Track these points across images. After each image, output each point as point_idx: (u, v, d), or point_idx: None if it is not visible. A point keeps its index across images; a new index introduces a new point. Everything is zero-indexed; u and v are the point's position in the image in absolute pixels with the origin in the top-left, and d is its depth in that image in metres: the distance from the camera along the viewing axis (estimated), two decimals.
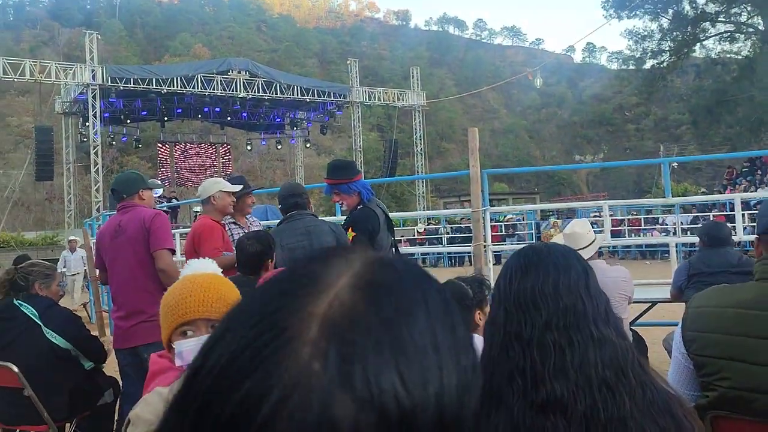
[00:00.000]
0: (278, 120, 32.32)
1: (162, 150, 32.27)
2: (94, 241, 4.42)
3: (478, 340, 2.22)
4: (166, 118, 29.07)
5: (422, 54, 75.26)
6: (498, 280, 1.26)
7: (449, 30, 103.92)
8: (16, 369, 3.20)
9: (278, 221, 4.38)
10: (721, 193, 23.18)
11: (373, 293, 0.44)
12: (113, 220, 3.88)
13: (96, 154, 24.48)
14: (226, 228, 4.36)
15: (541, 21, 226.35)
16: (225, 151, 33.55)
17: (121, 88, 24.47)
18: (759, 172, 23.37)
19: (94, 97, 23.89)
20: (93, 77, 23.73)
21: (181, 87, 25.43)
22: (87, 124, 24.96)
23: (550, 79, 70.69)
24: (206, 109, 28.69)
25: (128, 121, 28.93)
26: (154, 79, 24.93)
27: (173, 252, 3.91)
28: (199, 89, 25.85)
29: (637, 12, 31.44)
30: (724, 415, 1.55)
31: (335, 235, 3.84)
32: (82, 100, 25.17)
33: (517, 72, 54.50)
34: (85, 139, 26.47)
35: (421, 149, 31.65)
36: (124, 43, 65.37)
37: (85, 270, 16.00)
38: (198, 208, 19.63)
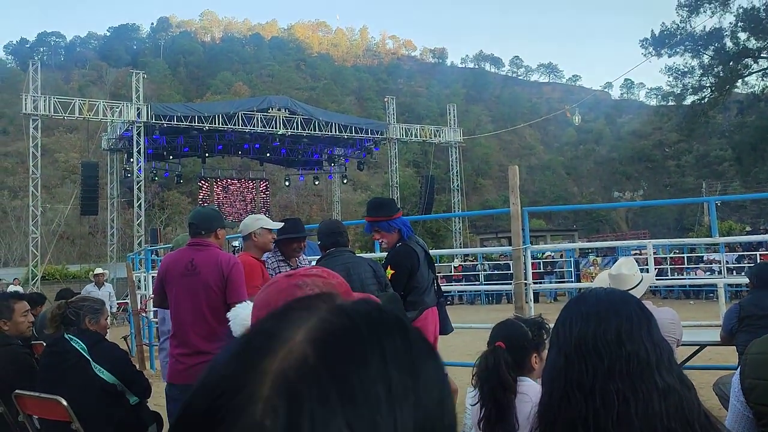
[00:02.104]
0: (316, 156, 32.79)
1: (203, 185, 32.95)
2: (152, 274, 4.48)
3: (532, 385, 2.19)
4: (207, 155, 29.77)
5: (458, 91, 75.89)
6: (557, 326, 1.24)
7: (485, 67, 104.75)
8: (65, 403, 3.25)
9: (318, 258, 4.41)
10: (766, 231, 22.54)
11: (324, 344, 0.44)
12: (185, 255, 3.80)
13: (139, 189, 25.12)
14: (276, 266, 4.38)
15: (578, 58, 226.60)
16: (264, 186, 34.08)
17: (165, 125, 25.19)
18: None
19: (138, 134, 24.62)
20: (138, 115, 24.49)
21: (222, 124, 26.05)
22: (131, 160, 25.70)
23: (588, 115, 70.31)
24: (246, 146, 29.30)
25: (170, 157, 29.72)
26: (196, 117, 25.60)
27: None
28: (240, 126, 26.44)
29: (677, 49, 31.23)
30: None
31: (374, 272, 3.83)
32: (127, 137, 25.97)
33: (554, 108, 54.45)
34: (128, 175, 27.23)
35: (457, 185, 31.65)
36: (168, 81, 67.57)
37: (124, 303, 16.30)
38: (237, 243, 19.90)
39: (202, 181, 33.09)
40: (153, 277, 4.95)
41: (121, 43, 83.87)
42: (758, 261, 14.39)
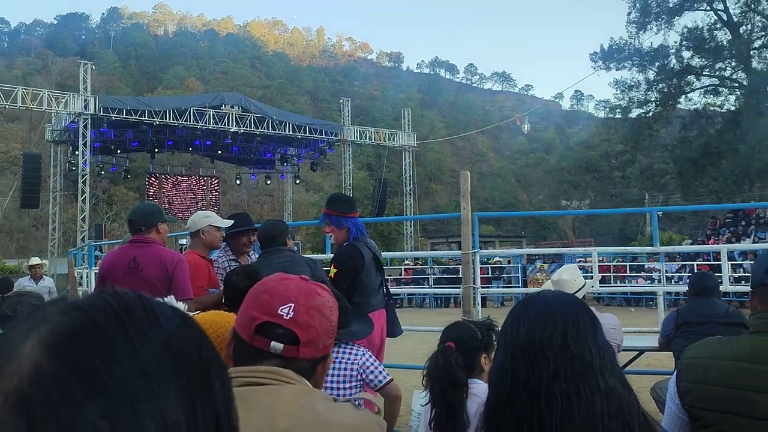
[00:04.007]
0: (269, 155, 32.48)
1: (152, 181, 32.21)
2: (95, 270, 4.33)
3: (484, 387, 2.22)
4: (156, 150, 29.13)
5: (413, 96, 76.42)
6: (505, 327, 1.25)
7: (441, 73, 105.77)
8: None
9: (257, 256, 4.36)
10: (704, 242, 23.44)
11: (59, 345, 0.43)
12: (127, 252, 3.70)
13: (84, 183, 24.37)
14: (226, 265, 4.31)
15: (530, 68, 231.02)
16: (215, 184, 33.54)
17: (113, 118, 24.53)
18: (742, 223, 23.69)
19: (85, 126, 23.91)
20: (85, 107, 23.79)
21: (173, 119, 25.53)
22: (76, 153, 24.92)
23: (539, 124, 71.82)
24: (197, 143, 28.80)
25: (118, 151, 28.96)
26: (146, 111, 25.02)
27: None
28: (191, 122, 25.97)
29: (625, 64, 32.16)
30: None
31: (311, 271, 3.80)
32: (72, 129, 25.18)
33: (506, 117, 55.36)
34: (73, 168, 26.39)
35: (410, 189, 31.83)
36: (118, 74, 65.85)
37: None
38: (184, 241, 19.50)
39: (151, 177, 32.36)
40: (96, 273, 4.79)
41: (69, 32, 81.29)
42: (695, 270, 14.93)
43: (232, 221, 4.34)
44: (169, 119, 25.47)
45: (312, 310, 1.23)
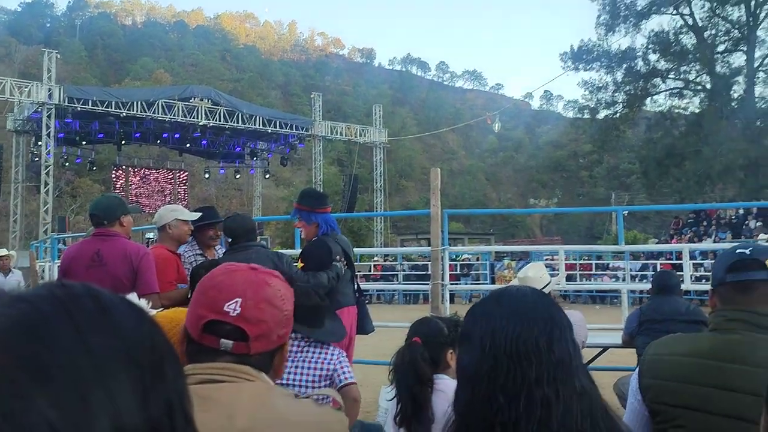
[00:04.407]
0: (238, 149, 32.17)
1: (118, 174, 31.65)
2: (57, 263, 4.23)
3: (450, 384, 2.23)
4: (123, 142, 28.59)
5: (385, 92, 76.41)
6: (479, 324, 1.20)
7: (412, 70, 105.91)
8: None
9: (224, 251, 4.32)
10: (667, 242, 23.94)
11: (4, 338, 0.43)
12: (89, 246, 3.61)
13: (47, 174, 23.84)
14: (193, 259, 4.26)
15: (501, 67, 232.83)
16: (183, 178, 33.10)
17: (78, 109, 24.03)
18: (704, 223, 24.25)
19: (49, 116, 23.38)
20: (50, 96, 23.26)
21: (140, 111, 25.13)
22: (39, 143, 24.37)
23: (509, 123, 72.47)
24: (165, 135, 28.38)
25: (83, 142, 28.35)
26: (113, 102, 24.57)
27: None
28: (160, 115, 25.59)
29: (594, 65, 32.65)
30: None
31: (275, 267, 3.75)
32: (36, 118, 24.61)
33: (477, 115, 55.80)
34: (36, 159, 25.79)
35: (380, 186, 31.85)
36: (84, 64, 64.51)
37: None
38: (151, 235, 19.22)
39: (118, 170, 31.78)
40: (59, 266, 4.70)
41: (33, 20, 79.22)
42: (658, 269, 15.25)
43: (200, 214, 4.28)
44: (137, 111, 25.06)
45: (261, 303, 1.20)
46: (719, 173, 28.45)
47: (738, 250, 1.71)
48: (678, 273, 5.52)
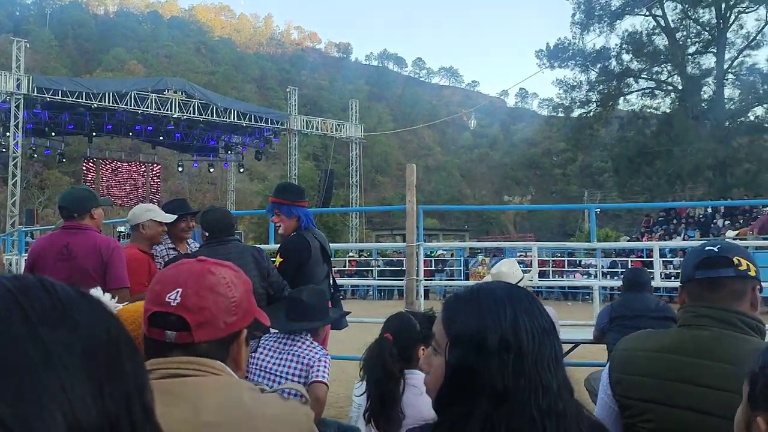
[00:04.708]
0: (212, 143, 31.85)
1: (88, 166, 31.10)
2: (25, 257, 4.12)
3: (422, 378, 2.24)
4: (94, 134, 28.12)
5: (362, 87, 76.30)
6: (461, 317, 1.16)
7: (389, 66, 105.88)
8: None
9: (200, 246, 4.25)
10: (638, 239, 24.31)
11: None
12: (58, 239, 3.52)
13: (15, 166, 23.36)
14: (165, 254, 4.19)
15: (477, 64, 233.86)
16: (156, 171, 32.67)
17: (48, 99, 23.57)
18: (674, 221, 24.69)
19: (17, 106, 22.90)
20: (18, 86, 22.77)
21: (112, 103, 24.72)
22: (7, 134, 23.86)
23: (484, 120, 72.92)
24: (138, 127, 27.99)
25: (53, 133, 27.81)
26: (84, 93, 24.13)
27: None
28: (132, 106, 25.21)
29: (568, 63, 32.99)
30: None
31: (256, 263, 3.67)
32: (3, 109, 24.06)
33: (453, 112, 56.02)
34: (3, 150, 25.25)
35: (356, 181, 31.80)
36: (54, 53, 63.27)
37: None
38: (122, 228, 18.95)
39: (89, 162, 31.24)
40: (26, 259, 4.60)
41: (2, 8, 77.40)
42: (629, 266, 15.49)
43: (175, 216, 4.20)
44: (109, 102, 24.65)
45: (202, 291, 1.19)
46: (689, 172, 28.98)
47: (706, 248, 1.74)
48: (648, 270, 5.61)
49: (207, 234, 3.89)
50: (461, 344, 1.13)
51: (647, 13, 31.31)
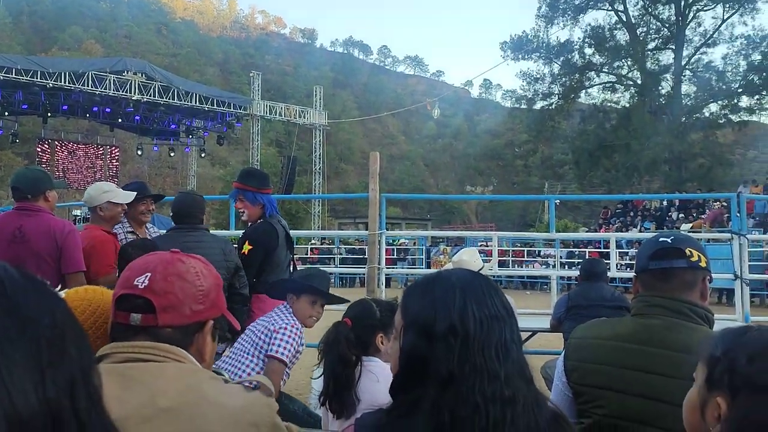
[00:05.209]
0: (173, 126, 31.26)
1: (43, 147, 30.22)
2: None
3: (381, 366, 2.25)
4: (49, 114, 27.32)
5: (326, 74, 75.66)
6: (421, 308, 1.17)
7: (354, 53, 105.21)
8: None
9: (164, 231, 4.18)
10: (596, 230, 24.81)
11: None
12: (11, 221, 3.39)
13: None
14: (124, 237, 4.09)
15: (442, 54, 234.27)
16: (114, 154, 31.92)
17: (1, 77, 22.82)
18: (631, 214, 25.24)
19: None
20: None
21: (68, 83, 24.05)
22: None
23: (448, 111, 73.16)
24: (95, 109, 27.29)
25: (6, 113, 26.91)
26: (39, 72, 23.42)
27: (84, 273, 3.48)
28: (89, 87, 24.57)
29: (532, 56, 33.33)
30: None
31: (223, 253, 3.61)
32: None
33: (418, 101, 56.05)
34: None
35: (319, 168, 31.64)
36: (8, 31, 61.04)
37: None
38: (78, 212, 18.50)
39: (44, 143, 30.35)
40: None
41: None
42: (587, 257, 15.80)
43: (134, 194, 4.10)
44: (65, 82, 23.97)
45: (170, 277, 1.21)
46: (646, 166, 29.67)
47: (660, 239, 1.79)
48: (605, 261, 5.73)
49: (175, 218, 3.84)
50: (413, 329, 1.15)
51: (609, 8, 31.81)
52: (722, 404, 1.01)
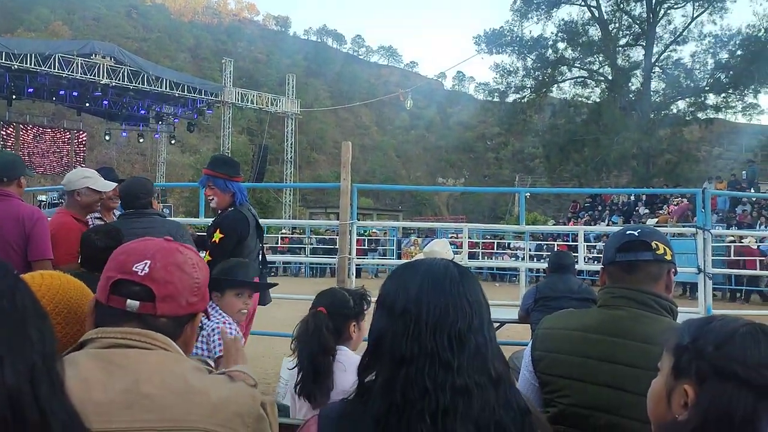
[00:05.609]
0: (143, 112, 30.73)
1: (8, 131, 29.46)
2: None
3: (350, 356, 2.25)
4: (14, 97, 26.64)
5: (299, 62, 75.02)
6: (387, 289, 1.20)
7: (328, 42, 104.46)
8: None
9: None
10: (564, 224, 25.14)
11: None
12: None
13: None
14: (91, 223, 4.01)
15: (416, 45, 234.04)
16: (82, 138, 31.27)
17: None
18: (599, 207, 25.64)
19: None
20: None
21: (34, 65, 23.46)
22: None
23: (421, 102, 73.16)
24: (62, 92, 26.68)
25: None
26: (3, 53, 22.83)
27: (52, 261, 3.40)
28: (56, 70, 23.99)
29: (506, 50, 33.50)
30: (564, 430, 1.68)
31: (175, 239, 3.57)
32: None
33: (391, 92, 55.97)
34: None
35: (291, 157, 31.43)
36: None
37: None
38: (43, 197, 18.12)
39: (8, 127, 29.59)
40: None
41: None
42: (555, 249, 16.01)
43: (115, 184, 4.02)
44: (30, 64, 23.38)
45: (170, 266, 1.21)
46: (615, 161, 30.11)
47: (627, 232, 1.82)
48: (573, 254, 5.81)
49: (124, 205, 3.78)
50: (379, 308, 1.19)
51: (583, 3, 32.10)
52: (690, 391, 1.03)
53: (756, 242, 15.03)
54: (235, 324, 2.87)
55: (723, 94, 30.18)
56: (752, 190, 20.73)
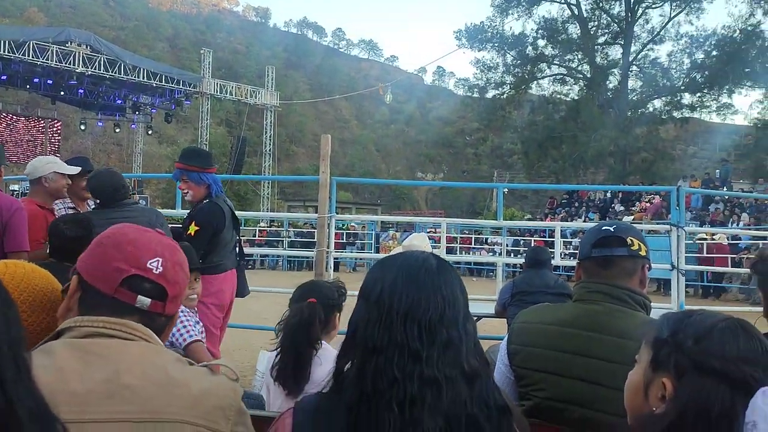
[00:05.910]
0: (119, 102, 30.29)
1: None
2: None
3: (328, 350, 2.26)
4: None
5: (279, 54, 74.53)
6: (367, 279, 1.21)
7: (308, 35, 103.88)
8: None
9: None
10: (542, 220, 25.35)
11: None
12: None
13: None
14: (64, 212, 3.94)
15: (397, 39, 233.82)
16: (56, 128, 30.74)
17: None
18: (576, 204, 25.87)
19: None
20: None
21: (8, 52, 22.99)
22: None
23: (401, 97, 73.16)
24: (36, 80, 26.20)
25: None
26: None
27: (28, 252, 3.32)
28: (30, 57, 23.54)
29: (486, 46, 33.58)
30: (538, 423, 1.70)
31: (150, 226, 3.53)
32: None
33: (371, 85, 55.86)
34: None
35: (269, 150, 31.25)
36: None
37: None
38: (16, 187, 17.78)
39: None
40: None
41: None
42: (532, 245, 16.14)
43: (79, 168, 3.97)
44: (4, 51, 22.92)
45: (176, 266, 1.21)
46: (592, 158, 30.40)
47: (603, 228, 1.84)
48: (549, 249, 5.86)
49: (97, 201, 3.72)
50: (359, 298, 1.20)
51: (563, 1, 32.29)
52: (668, 384, 1.04)
53: (727, 240, 15.29)
54: (194, 314, 2.87)
55: (698, 94, 30.61)
56: (725, 189, 21.06)
